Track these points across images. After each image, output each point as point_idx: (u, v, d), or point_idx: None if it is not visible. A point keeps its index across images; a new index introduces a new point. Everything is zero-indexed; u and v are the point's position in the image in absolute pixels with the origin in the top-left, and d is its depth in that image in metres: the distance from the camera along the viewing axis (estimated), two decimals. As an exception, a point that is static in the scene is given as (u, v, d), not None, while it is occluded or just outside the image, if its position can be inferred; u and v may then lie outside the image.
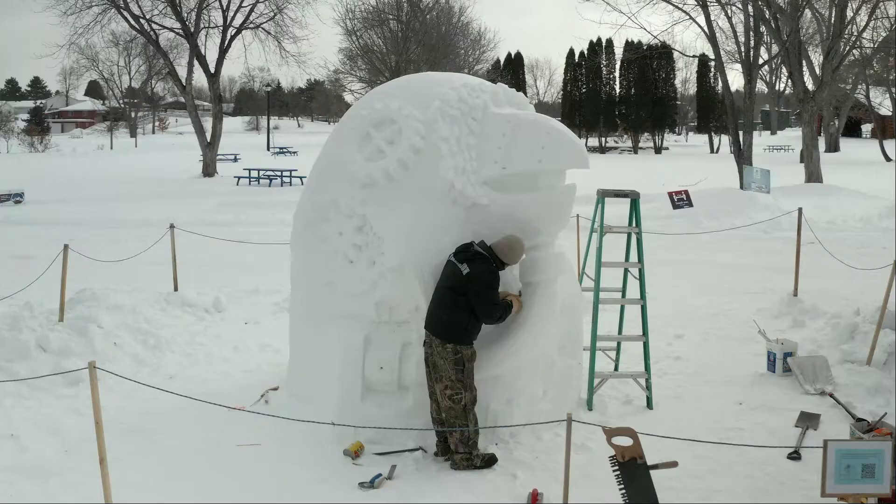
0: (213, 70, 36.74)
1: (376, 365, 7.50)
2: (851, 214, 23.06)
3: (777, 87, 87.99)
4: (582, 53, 78.03)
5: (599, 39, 78.26)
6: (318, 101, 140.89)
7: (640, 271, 8.67)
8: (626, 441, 5.37)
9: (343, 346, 7.54)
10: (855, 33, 31.06)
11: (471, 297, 6.88)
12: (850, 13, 29.75)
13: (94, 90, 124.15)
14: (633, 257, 8.98)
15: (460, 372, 6.90)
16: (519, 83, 77.59)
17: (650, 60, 74.83)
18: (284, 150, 58.96)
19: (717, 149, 73.09)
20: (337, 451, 7.30)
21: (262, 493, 6.68)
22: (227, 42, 36.51)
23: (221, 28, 36.38)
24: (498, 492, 6.68)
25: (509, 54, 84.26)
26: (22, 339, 9.40)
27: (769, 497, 6.68)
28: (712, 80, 75.38)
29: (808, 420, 8.20)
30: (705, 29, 27.94)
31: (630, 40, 75.22)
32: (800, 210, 14.04)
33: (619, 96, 79.43)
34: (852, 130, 79.08)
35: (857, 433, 7.65)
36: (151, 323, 10.85)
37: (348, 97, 55.54)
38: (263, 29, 36.95)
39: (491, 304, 6.97)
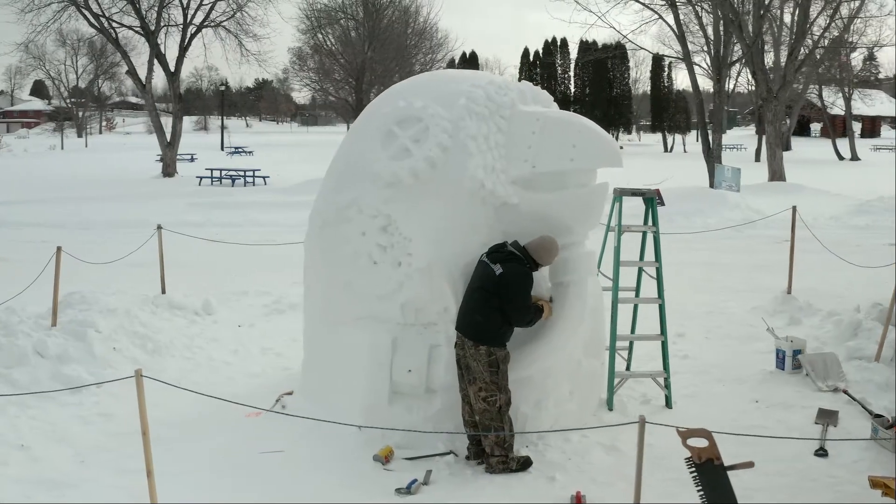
0: (172, 69, 36.14)
1: (404, 368, 7.33)
2: (821, 213, 23.35)
3: (726, 87, 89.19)
4: (537, 53, 78.42)
5: (555, 39, 78.90)
6: (266, 101, 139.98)
7: (658, 270, 8.62)
8: (701, 442, 5.28)
9: (370, 348, 7.36)
10: (817, 33, 31.48)
11: (503, 299, 6.74)
12: (812, 13, 30.16)
13: (39, 90, 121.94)
14: (646, 256, 8.93)
15: (494, 374, 6.77)
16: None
17: (606, 60, 75.40)
18: (240, 149, 58.31)
19: (671, 148, 73.80)
20: (365, 457, 7.13)
21: (297, 501, 6.50)
22: (187, 40, 35.96)
23: (182, 26, 35.82)
24: (538, 495, 6.57)
25: (464, 54, 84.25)
26: (19, 344, 9.06)
27: (806, 495, 6.64)
28: (666, 80, 76.33)
29: (826, 417, 8.22)
30: (674, 28, 28.16)
31: (585, 40, 75.83)
32: (794, 208, 14.20)
33: (574, 96, 79.85)
34: (802, 130, 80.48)
35: (880, 429, 7.68)
36: (147, 327, 10.56)
37: (297, 96, 55.30)
38: (224, 27, 36.49)
39: (523, 307, 6.85)
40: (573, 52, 77.44)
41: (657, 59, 78.49)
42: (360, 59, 32.08)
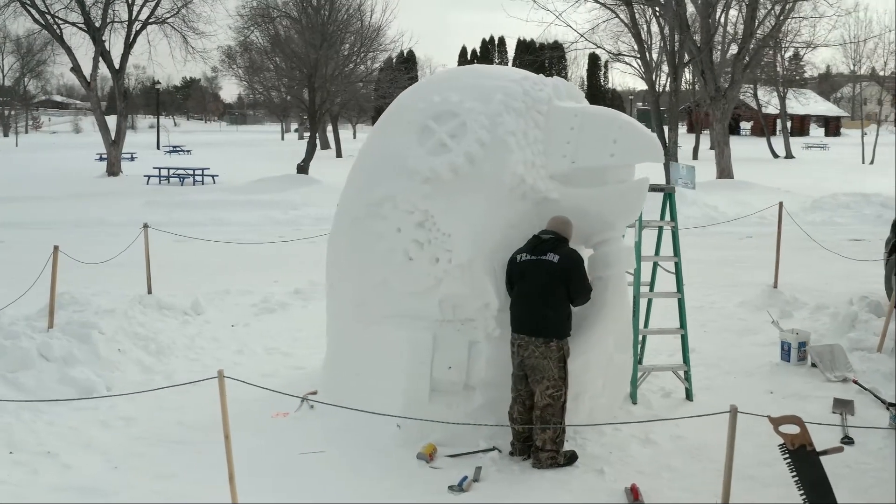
0: (117, 66, 35.34)
1: (444, 365, 7.28)
2: (775, 209, 23.80)
3: (658, 87, 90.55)
4: (474, 52, 78.68)
5: (492, 38, 79.20)
6: (194, 100, 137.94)
7: (677, 265, 8.71)
8: (793, 429, 5.35)
9: (410, 345, 7.29)
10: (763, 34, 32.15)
11: (569, 284, 6.77)
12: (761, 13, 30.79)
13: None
14: (662, 251, 9.02)
15: (562, 369, 6.78)
16: (414, 80, 77.45)
17: (543, 59, 75.86)
18: (178, 148, 57.31)
19: (608, 145, 74.57)
20: (407, 456, 7.05)
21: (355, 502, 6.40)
22: (132, 37, 35.18)
23: (127, 23, 35.04)
24: (592, 488, 6.58)
25: (402, 52, 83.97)
26: (23, 347, 8.77)
27: (848, 482, 6.72)
28: (602, 79, 77.36)
29: (843, 406, 8.39)
30: (630, 27, 28.51)
31: (522, 39, 76.50)
32: (780, 204, 14.47)
33: (510, 94, 79.99)
34: (732, 129, 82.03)
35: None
36: (146, 327, 10.35)
37: (224, 95, 54.73)
38: (168, 24, 35.84)
39: (586, 284, 6.92)
40: (510, 50, 78.33)
41: (593, 58, 79.56)
42: (313, 58, 31.76)
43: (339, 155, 57.58)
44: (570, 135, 7.19)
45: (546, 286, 6.75)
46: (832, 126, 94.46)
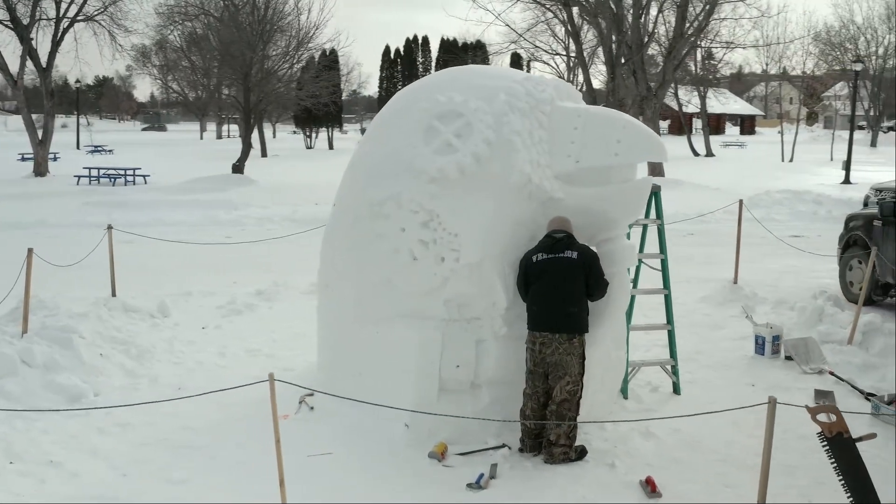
0: (45, 64, 34.32)
1: (452, 363, 7.33)
2: (709, 206, 24.41)
3: (578, 87, 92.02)
4: (398, 51, 78.57)
5: (416, 37, 79.24)
6: (108, 99, 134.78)
7: (664, 262, 8.91)
8: (830, 417, 5.54)
9: (419, 345, 7.29)
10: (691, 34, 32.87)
11: (589, 279, 6.92)
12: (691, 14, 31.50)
13: None
14: (647, 248, 9.22)
15: (582, 365, 6.93)
16: (336, 79, 76.95)
17: (467, 59, 76.32)
18: (99, 148, 55.94)
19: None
20: (418, 455, 7.07)
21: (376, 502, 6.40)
22: (59, 35, 34.21)
23: (55, 20, 34.03)
24: (607, 482, 6.70)
25: (324, 51, 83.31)
26: (5, 353, 8.51)
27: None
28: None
29: (824, 396, 8.70)
30: (569, 28, 28.91)
31: (445, 38, 76.75)
32: (741, 202, 14.83)
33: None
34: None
35: (881, 406, 8.19)
36: (122, 331, 10.15)
37: (138, 94, 53.71)
38: (96, 20, 34.96)
39: (604, 278, 7.07)
40: (434, 50, 78.40)
41: (515, 57, 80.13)
42: (248, 57, 31.39)
43: (264, 154, 56.96)
44: (574, 135, 7.29)
45: (568, 283, 6.87)
46: (747, 124, 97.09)
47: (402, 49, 78.56)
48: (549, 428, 6.93)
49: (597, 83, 37.44)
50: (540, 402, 7.01)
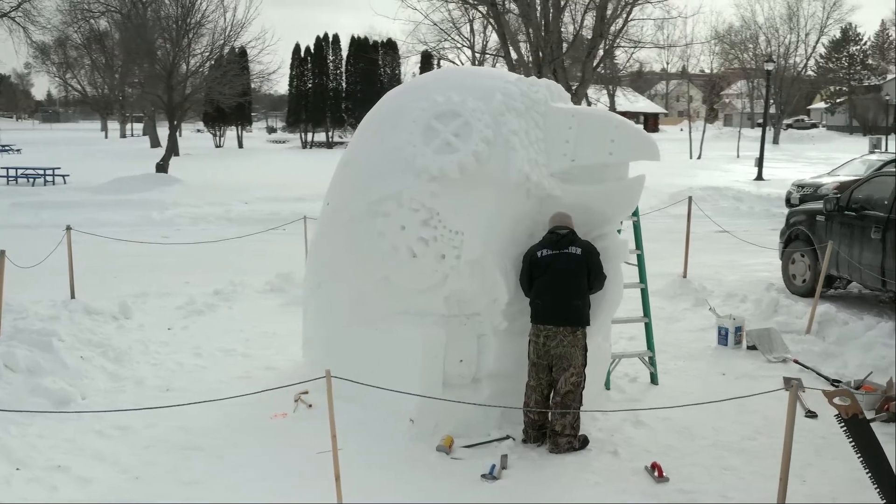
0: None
1: (455, 359, 7.49)
2: (647, 205, 25.06)
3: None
4: (308, 49, 77.80)
5: (326, 35, 78.55)
6: (4, 97, 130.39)
7: (640, 257, 9.23)
8: (845, 400, 5.87)
9: (423, 341, 7.43)
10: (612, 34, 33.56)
11: (591, 274, 7.22)
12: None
13: None
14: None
15: (585, 357, 7.18)
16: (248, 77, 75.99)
17: (377, 56, 76.46)
18: (7, 147, 54.03)
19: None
20: (425, 449, 7.20)
21: (393, 497, 6.51)
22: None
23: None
24: (615, 469, 6.94)
25: (233, 48, 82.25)
26: (-13, 358, 8.35)
27: (833, 449, 7.29)
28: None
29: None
30: (496, 27, 29.20)
31: (356, 36, 76.47)
32: (689, 199, 15.28)
33: (346, 92, 79.81)
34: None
35: (851, 391, 8.64)
36: (95, 333, 10.01)
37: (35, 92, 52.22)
38: (10, 17, 33.81)
39: (603, 272, 7.39)
40: (345, 48, 77.89)
41: (426, 55, 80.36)
42: (171, 55, 30.92)
43: (176, 153, 55.86)
44: (569, 134, 7.52)
45: (572, 278, 7.16)
46: (651, 122, 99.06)
47: (312, 47, 77.80)
48: (555, 418, 7.15)
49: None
50: (543, 393, 7.24)
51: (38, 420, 7.57)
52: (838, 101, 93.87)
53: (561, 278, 7.15)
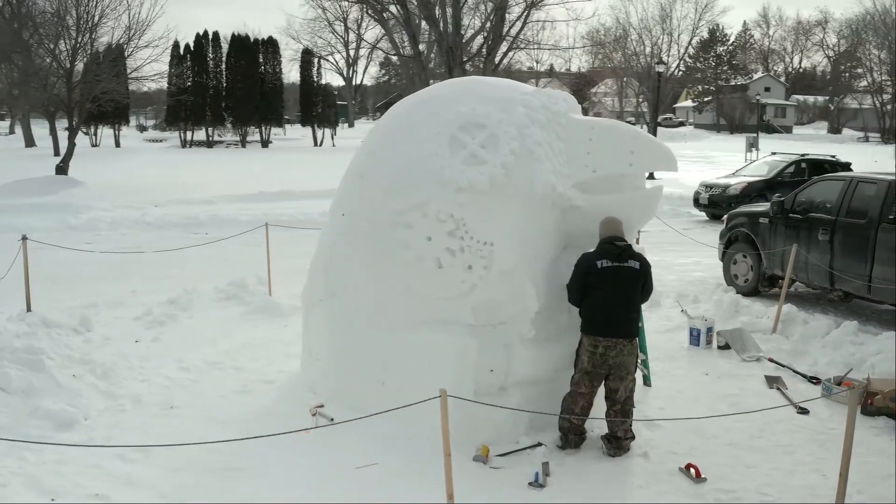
0: None
1: (485, 367, 7.55)
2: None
3: (353, 82, 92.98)
4: (188, 46, 75.84)
5: (206, 32, 76.67)
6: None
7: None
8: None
9: (455, 350, 7.46)
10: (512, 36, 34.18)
11: (646, 285, 7.50)
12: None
13: None
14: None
15: (635, 364, 7.41)
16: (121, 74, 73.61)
17: (257, 54, 75.37)
18: None
19: (321, 142, 74.63)
20: (462, 459, 7.18)
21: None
22: None
23: None
24: (653, 471, 7.13)
25: (109, 44, 79.45)
26: (-21, 380, 7.95)
27: (833, 444, 7.60)
28: (315, 74, 77.89)
29: (775, 381, 9.55)
30: (405, 27, 29.27)
31: (237, 34, 75.12)
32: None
33: (226, 90, 78.13)
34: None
35: (832, 388, 9.10)
36: (75, 349, 9.64)
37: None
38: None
39: (653, 285, 7.70)
40: (225, 46, 76.31)
41: (307, 53, 79.62)
42: (69, 50, 29.72)
43: (57, 153, 53.69)
44: (590, 146, 7.71)
45: (631, 292, 7.39)
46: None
47: (192, 45, 75.86)
48: (616, 425, 7.41)
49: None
50: (590, 401, 7.41)
51: (32, 447, 7.13)
52: (706, 99, 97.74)
53: (621, 292, 7.35)
